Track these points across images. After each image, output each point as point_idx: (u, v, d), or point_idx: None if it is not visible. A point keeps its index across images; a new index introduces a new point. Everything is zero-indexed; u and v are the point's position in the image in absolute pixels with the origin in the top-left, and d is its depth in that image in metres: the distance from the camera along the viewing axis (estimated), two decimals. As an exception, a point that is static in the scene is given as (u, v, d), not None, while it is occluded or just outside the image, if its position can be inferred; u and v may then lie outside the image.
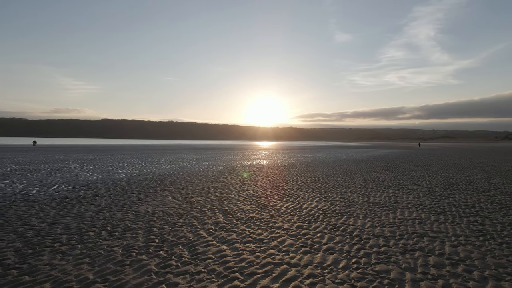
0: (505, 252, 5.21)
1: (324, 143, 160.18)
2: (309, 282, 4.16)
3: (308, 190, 11.09)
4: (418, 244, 5.61)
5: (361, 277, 4.29)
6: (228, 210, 8.11)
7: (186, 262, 4.74)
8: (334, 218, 7.38)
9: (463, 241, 5.77)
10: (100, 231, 6.23)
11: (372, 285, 4.08)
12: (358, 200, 9.44)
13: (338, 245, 5.56)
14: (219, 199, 9.50)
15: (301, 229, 6.48)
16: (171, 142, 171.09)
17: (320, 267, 4.60)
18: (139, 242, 5.63)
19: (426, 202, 9.09)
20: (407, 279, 4.23)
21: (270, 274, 4.38)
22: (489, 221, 7.10)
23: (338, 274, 4.37)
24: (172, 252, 5.16)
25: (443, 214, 7.70)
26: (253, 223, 6.95)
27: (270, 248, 5.38)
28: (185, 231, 6.28)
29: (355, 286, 4.03)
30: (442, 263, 4.75)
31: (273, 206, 8.59)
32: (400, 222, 6.99)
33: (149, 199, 9.40)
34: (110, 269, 4.47)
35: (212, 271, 4.44)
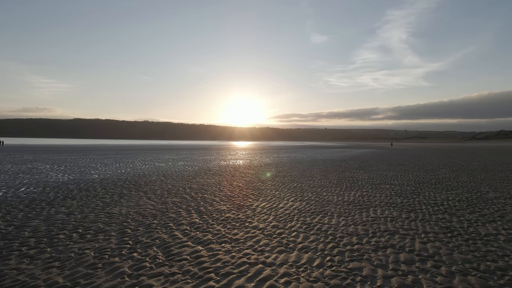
0: (471, 248, 5.42)
1: (300, 143, 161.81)
2: (284, 281, 4.20)
3: (284, 190, 11.17)
4: (390, 241, 5.77)
5: (334, 274, 4.37)
6: (204, 211, 8.06)
7: (160, 263, 4.68)
8: (309, 217, 7.47)
9: (432, 237, 5.97)
10: (71, 234, 6.06)
11: (345, 282, 4.16)
12: (333, 199, 9.60)
13: (313, 243, 5.64)
14: (195, 200, 9.43)
15: (277, 229, 6.53)
16: (147, 142, 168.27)
17: (295, 266, 4.65)
18: (112, 244, 5.51)
19: (398, 201, 9.35)
20: (379, 276, 4.34)
21: (245, 274, 4.39)
22: (456, 218, 7.38)
23: (313, 273, 4.43)
24: (146, 253, 5.08)
25: (414, 212, 7.94)
26: (229, 223, 6.94)
27: (246, 248, 5.39)
28: (160, 232, 6.20)
29: (328, 284, 4.10)
30: (412, 259, 4.90)
31: (249, 206, 8.61)
32: (373, 220, 7.16)
33: (123, 200, 9.22)
34: (81, 272, 4.36)
35: (187, 272, 4.41)
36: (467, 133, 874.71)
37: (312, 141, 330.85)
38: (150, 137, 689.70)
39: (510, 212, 7.92)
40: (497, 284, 4.09)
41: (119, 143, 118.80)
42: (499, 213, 7.78)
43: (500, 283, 4.13)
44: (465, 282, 4.14)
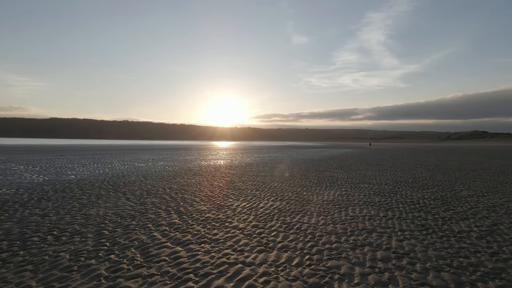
0: (445, 244, 5.58)
1: (281, 143, 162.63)
2: (263, 280, 4.21)
3: (264, 190, 11.21)
4: (368, 239, 5.87)
5: (313, 273, 4.42)
6: (184, 211, 8.00)
7: (138, 265, 4.62)
8: (289, 216, 7.52)
9: (408, 235, 6.11)
10: (45, 236, 5.90)
11: (323, 280, 4.21)
12: (312, 198, 9.69)
13: (292, 243, 5.68)
14: (175, 200, 9.34)
15: (257, 228, 6.55)
16: (126, 142, 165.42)
17: (274, 265, 4.68)
18: (88, 246, 5.40)
19: (376, 200, 9.53)
20: (356, 274, 4.41)
21: (225, 274, 4.38)
22: (431, 216, 7.58)
23: (292, 271, 4.46)
24: (124, 255, 5.00)
25: (391, 211, 8.11)
26: (209, 223, 6.91)
27: (225, 248, 5.38)
28: (139, 233, 6.11)
29: (307, 282, 4.14)
30: (389, 257, 5.00)
31: (230, 206, 8.59)
32: (351, 219, 7.27)
33: (101, 201, 9.04)
34: (55, 275, 4.25)
35: (166, 273, 4.37)
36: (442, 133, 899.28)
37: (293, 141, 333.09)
38: (130, 137, 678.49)
39: (482, 209, 8.20)
40: (469, 280, 4.23)
41: (97, 143, 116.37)
42: (472, 211, 8.04)
43: (472, 278, 4.27)
44: (439, 278, 4.26)
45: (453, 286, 4.06)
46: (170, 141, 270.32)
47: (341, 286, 4.06)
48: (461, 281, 4.18)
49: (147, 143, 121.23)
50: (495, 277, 4.31)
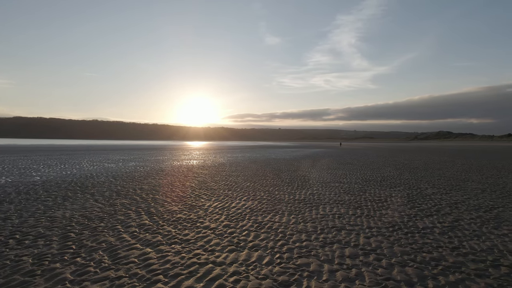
0: (409, 240, 5.80)
1: (254, 143, 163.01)
2: (233, 279, 4.23)
3: (237, 189, 11.21)
4: (337, 237, 6.00)
5: (283, 271, 4.48)
6: (155, 212, 7.88)
7: (106, 267, 4.52)
8: (261, 216, 7.57)
9: (375, 232, 6.30)
10: (7, 240, 5.66)
11: (293, 278, 4.27)
12: (284, 198, 9.79)
13: (263, 242, 5.72)
14: (146, 201, 9.18)
15: (228, 228, 6.55)
16: (96, 142, 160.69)
17: (244, 264, 4.70)
18: (53, 249, 5.22)
19: (346, 198, 9.75)
20: (325, 270, 4.51)
21: (195, 274, 4.36)
22: (398, 213, 7.84)
23: (262, 270, 4.50)
24: (90, 258, 4.87)
25: (360, 209, 8.33)
26: (180, 223, 6.85)
27: (196, 248, 5.35)
28: (107, 235, 5.97)
29: (277, 281, 4.19)
30: (356, 254, 5.14)
31: (201, 206, 8.54)
32: (321, 218, 7.41)
33: (67, 203, 8.75)
34: (17, 280, 4.09)
35: (134, 275, 4.29)
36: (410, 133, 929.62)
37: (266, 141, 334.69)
38: (100, 137, 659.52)
39: (445, 206, 8.56)
40: (431, 274, 4.41)
41: (65, 143, 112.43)
42: (436, 208, 8.38)
43: (434, 272, 4.46)
44: (403, 273, 4.43)
45: (416, 280, 4.23)
46: (142, 141, 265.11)
47: (310, 283, 4.14)
48: (423, 275, 4.36)
49: (118, 143, 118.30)
50: (455, 270, 4.52)
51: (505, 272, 4.47)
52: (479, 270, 4.52)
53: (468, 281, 4.19)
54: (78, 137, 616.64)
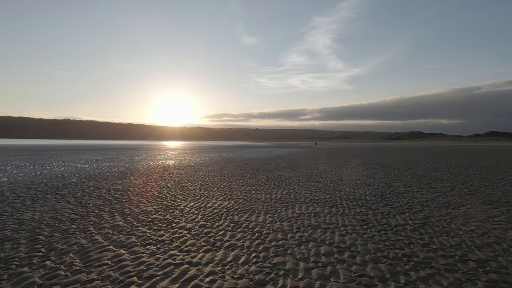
0: (382, 238, 5.93)
1: (231, 143, 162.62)
2: (209, 279, 4.20)
3: (213, 189, 11.15)
4: (312, 235, 6.07)
5: (259, 270, 4.48)
6: (129, 213, 7.72)
7: (77, 270, 4.39)
8: (237, 215, 7.56)
9: (350, 230, 6.41)
10: (-29, 244, 5.40)
11: (269, 277, 4.29)
12: (261, 197, 9.81)
13: (239, 241, 5.71)
14: (120, 202, 8.99)
15: (204, 228, 6.50)
16: (68, 142, 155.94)
17: (220, 264, 4.68)
18: (21, 253, 5.02)
19: (321, 197, 9.87)
20: (301, 269, 4.55)
21: (170, 275, 4.30)
22: (371, 211, 8.01)
23: (238, 270, 4.49)
24: (61, 261, 4.72)
25: (335, 207, 8.45)
26: (155, 224, 6.74)
27: (172, 249, 5.28)
28: (78, 238, 5.80)
29: (253, 280, 4.19)
30: (331, 251, 5.22)
31: (177, 207, 8.44)
32: (297, 216, 7.47)
33: (37, 205, 8.45)
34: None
35: (107, 277, 4.19)
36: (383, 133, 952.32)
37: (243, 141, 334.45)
38: (72, 137, 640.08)
39: (417, 204, 8.81)
40: (403, 269, 4.53)
41: (35, 143, 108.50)
42: (407, 206, 8.61)
43: (405, 268, 4.58)
44: (376, 270, 4.52)
45: (389, 276, 4.33)
46: (116, 141, 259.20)
47: (286, 281, 4.16)
48: (396, 271, 4.47)
49: (91, 143, 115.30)
50: (425, 266, 4.66)
51: (472, 266, 4.64)
52: (448, 265, 4.68)
53: (438, 276, 4.32)
54: (49, 137, 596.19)
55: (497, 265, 4.66)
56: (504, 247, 5.41)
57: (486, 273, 4.41)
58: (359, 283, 4.12)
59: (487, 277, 4.29)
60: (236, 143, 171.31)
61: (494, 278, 4.26)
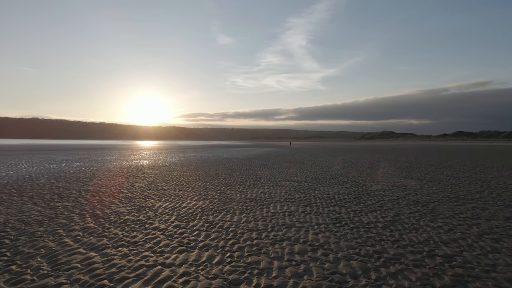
0: (355, 235, 6.06)
1: (207, 143, 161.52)
2: (183, 280, 4.16)
3: (188, 189, 11.05)
4: (287, 234, 6.12)
5: (233, 270, 4.48)
6: (101, 214, 7.53)
7: (44, 274, 4.24)
8: (212, 215, 7.52)
9: (324, 228, 6.51)
10: None
11: (243, 276, 4.29)
12: (236, 197, 9.80)
13: (214, 241, 5.69)
14: (91, 203, 8.75)
15: (178, 229, 6.43)
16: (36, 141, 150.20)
17: (194, 265, 4.64)
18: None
19: (296, 196, 9.97)
20: (275, 267, 4.58)
21: (142, 277, 4.23)
22: (345, 209, 8.17)
23: (212, 270, 4.48)
24: (27, 265, 4.55)
25: (309, 206, 8.56)
26: (128, 225, 6.61)
27: (144, 250, 5.20)
28: (46, 240, 5.61)
29: (227, 280, 4.19)
30: (305, 250, 5.28)
31: (151, 207, 8.31)
32: (272, 216, 7.52)
33: (1, 207, 8.10)
34: None
35: (76, 281, 4.07)
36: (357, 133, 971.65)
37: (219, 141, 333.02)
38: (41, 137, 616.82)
39: (388, 202, 9.06)
40: (374, 266, 4.65)
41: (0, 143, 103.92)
42: (379, 204, 8.84)
43: (376, 264, 4.70)
44: (348, 266, 4.62)
45: (360, 272, 4.43)
46: (88, 140, 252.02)
47: (260, 280, 4.19)
48: (367, 268, 4.58)
49: (61, 143, 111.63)
50: (395, 262, 4.80)
51: (439, 261, 4.81)
52: (416, 261, 4.84)
53: (406, 272, 4.46)
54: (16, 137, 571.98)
55: (462, 260, 4.86)
56: (469, 243, 5.65)
57: (452, 267, 4.60)
58: (331, 280, 4.20)
59: (453, 271, 4.46)
60: (212, 142, 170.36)
61: (459, 272, 4.43)
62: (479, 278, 4.24)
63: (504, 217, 7.34)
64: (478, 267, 4.59)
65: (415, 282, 4.15)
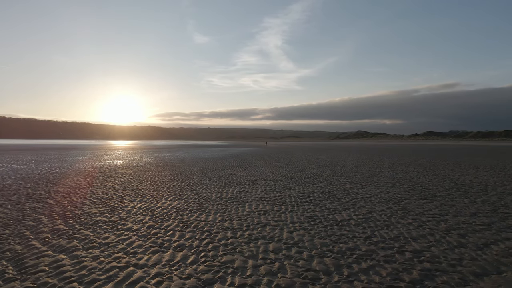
0: (328, 233, 6.16)
1: (183, 142, 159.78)
2: (156, 281, 4.10)
3: (163, 189, 10.90)
4: (261, 233, 6.15)
5: (207, 269, 4.46)
6: (71, 215, 7.32)
7: (10, 278, 4.08)
8: (187, 215, 7.45)
9: (298, 226, 6.58)
10: None
11: (217, 275, 4.28)
12: (211, 196, 9.76)
13: (188, 241, 5.64)
14: (61, 204, 8.49)
15: (152, 229, 6.34)
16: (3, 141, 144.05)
17: (168, 265, 4.59)
18: None
19: (271, 195, 10.03)
20: (249, 266, 4.59)
21: (114, 279, 4.14)
22: (319, 208, 8.28)
23: (186, 270, 4.44)
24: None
25: (284, 205, 8.63)
26: (100, 227, 6.45)
27: (117, 252, 5.09)
28: (12, 243, 5.40)
29: (201, 279, 4.16)
30: (280, 248, 5.32)
31: (124, 208, 8.14)
32: (247, 215, 7.53)
33: (-36, 210, 7.73)
34: None
35: (44, 284, 3.94)
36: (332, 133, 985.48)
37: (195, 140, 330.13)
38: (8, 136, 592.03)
39: (361, 200, 9.25)
40: (346, 262, 4.74)
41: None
42: (352, 202, 9.01)
43: (349, 261, 4.79)
44: (322, 264, 4.69)
45: (333, 269, 4.51)
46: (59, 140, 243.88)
47: (234, 279, 4.18)
48: (339, 264, 4.66)
49: (30, 143, 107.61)
50: (367, 258, 4.91)
51: (409, 257, 4.96)
52: (387, 257, 4.97)
53: (377, 267, 4.57)
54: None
55: (430, 255, 5.03)
56: (437, 238, 5.85)
57: (421, 262, 4.75)
58: (305, 277, 4.25)
59: (422, 266, 4.61)
60: (188, 142, 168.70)
61: (427, 267, 4.58)
62: (446, 272, 4.40)
63: (470, 213, 7.65)
64: (445, 262, 4.76)
65: (386, 277, 4.26)
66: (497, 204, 8.65)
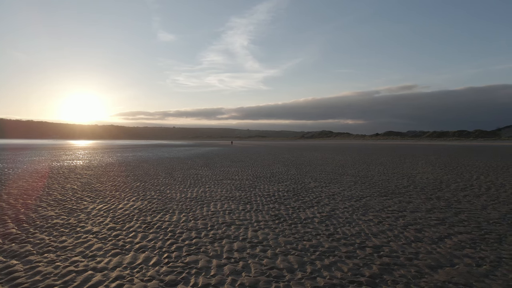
0: (292, 231, 6.24)
1: (147, 142, 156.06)
2: (116, 284, 3.97)
3: (125, 190, 10.58)
4: (226, 232, 6.13)
5: (170, 270, 4.38)
6: (25, 219, 6.94)
7: (-45, 287, 3.81)
8: (150, 216, 7.29)
9: (263, 225, 6.62)
10: None
11: (180, 276, 4.22)
12: (176, 196, 9.60)
13: (151, 242, 5.52)
14: (14, 207, 8.03)
15: (113, 231, 6.14)
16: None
17: (129, 268, 4.46)
18: None
19: (237, 194, 10.01)
20: (213, 266, 4.56)
21: (71, 284, 3.97)
22: (284, 206, 8.37)
23: (148, 272, 4.33)
24: None
25: (250, 204, 8.65)
26: (56, 230, 6.16)
27: (74, 255, 4.88)
28: (-42, 250, 5.03)
29: (163, 281, 4.08)
30: (244, 247, 5.32)
31: (83, 209, 7.83)
32: (212, 214, 7.47)
33: None
34: None
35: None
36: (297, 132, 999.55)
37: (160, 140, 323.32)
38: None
39: (324, 198, 9.45)
40: (310, 259, 4.82)
41: None
42: (316, 200, 9.19)
43: (312, 258, 4.88)
44: (286, 261, 4.74)
45: (297, 266, 4.57)
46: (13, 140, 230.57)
47: (197, 279, 4.14)
48: (303, 261, 4.74)
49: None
50: (329, 254, 5.02)
51: (369, 252, 5.13)
52: (349, 252, 5.11)
53: (339, 263, 4.69)
54: None
55: (389, 250, 5.22)
56: (395, 233, 6.08)
57: (380, 257, 4.92)
58: (269, 276, 4.27)
59: (381, 260, 4.78)
60: (153, 142, 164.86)
61: (386, 261, 4.76)
62: (403, 266, 4.59)
63: (426, 209, 8.02)
64: (403, 256, 4.96)
65: (347, 272, 4.38)
66: (450, 200, 9.13)
